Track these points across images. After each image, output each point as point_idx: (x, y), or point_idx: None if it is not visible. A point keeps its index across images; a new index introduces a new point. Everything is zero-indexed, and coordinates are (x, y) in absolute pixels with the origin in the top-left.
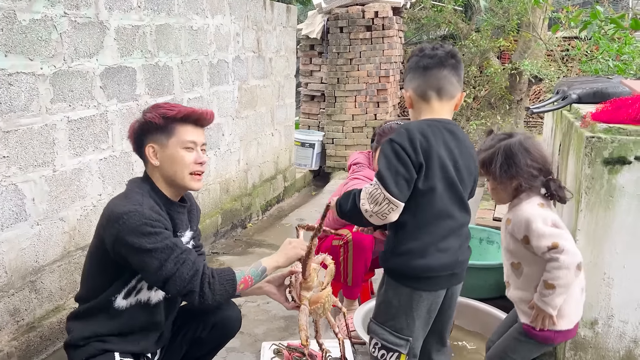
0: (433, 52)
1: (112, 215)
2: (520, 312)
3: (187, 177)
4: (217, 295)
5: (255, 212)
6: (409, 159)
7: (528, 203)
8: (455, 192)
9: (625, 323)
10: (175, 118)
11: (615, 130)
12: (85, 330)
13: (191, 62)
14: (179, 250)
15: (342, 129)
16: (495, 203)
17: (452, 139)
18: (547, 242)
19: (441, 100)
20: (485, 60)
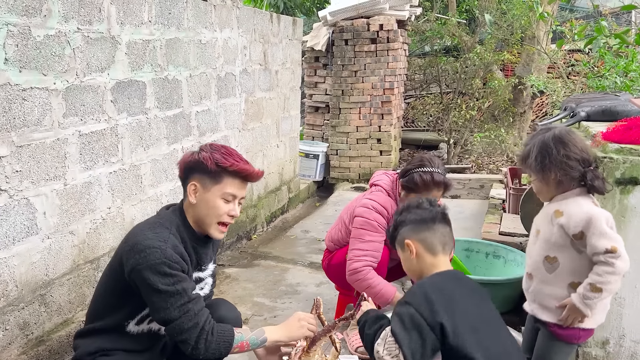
0: (435, 209)
1: (136, 245)
2: (542, 308)
3: (214, 225)
4: (209, 353)
5: (260, 224)
6: (426, 322)
7: (584, 198)
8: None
9: (637, 343)
10: (227, 169)
11: (627, 151)
12: (91, 346)
13: (199, 76)
14: (187, 298)
15: (346, 140)
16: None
17: (464, 288)
18: (607, 244)
19: (445, 255)
20: (488, 73)
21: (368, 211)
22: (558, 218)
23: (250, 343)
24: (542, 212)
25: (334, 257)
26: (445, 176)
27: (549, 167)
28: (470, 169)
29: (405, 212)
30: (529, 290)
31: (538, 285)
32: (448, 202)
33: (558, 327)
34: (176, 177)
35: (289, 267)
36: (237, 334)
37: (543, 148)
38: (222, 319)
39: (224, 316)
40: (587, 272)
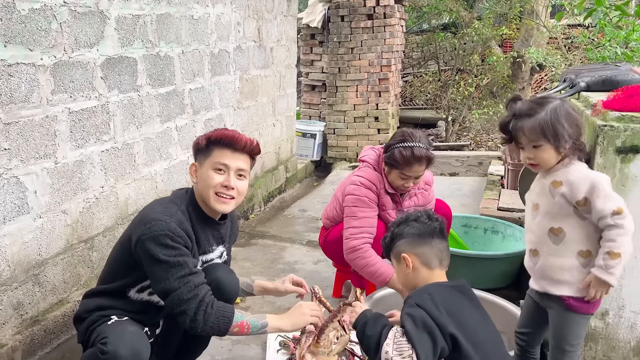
0: (433, 223)
1: (144, 217)
2: (556, 282)
3: (212, 197)
4: (207, 326)
5: (258, 203)
6: (438, 328)
7: (580, 165)
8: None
9: (637, 314)
10: (210, 140)
11: (628, 119)
12: (91, 304)
13: (192, 52)
14: (187, 270)
15: (343, 119)
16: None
17: (470, 303)
18: (614, 205)
19: (442, 269)
20: (487, 49)
21: (358, 188)
22: (557, 188)
23: (250, 325)
24: (536, 186)
25: (330, 233)
26: (428, 150)
27: (575, 136)
28: (469, 147)
29: (402, 224)
30: (535, 267)
31: (546, 260)
32: (446, 179)
33: (573, 300)
34: (171, 156)
35: (287, 245)
36: (238, 313)
37: (568, 116)
38: (219, 281)
39: (220, 278)
40: (594, 238)
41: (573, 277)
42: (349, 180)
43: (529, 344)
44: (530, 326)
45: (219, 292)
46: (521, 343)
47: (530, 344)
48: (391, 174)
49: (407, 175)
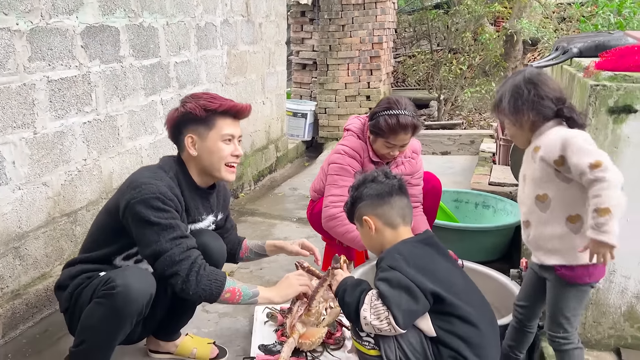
0: (390, 181)
1: (132, 182)
2: (548, 252)
3: (222, 168)
4: (200, 289)
5: (247, 182)
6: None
7: (558, 127)
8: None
9: (628, 278)
10: (216, 111)
11: (620, 78)
12: (74, 271)
13: (177, 24)
14: (179, 232)
15: (334, 98)
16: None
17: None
18: (590, 158)
19: (406, 226)
20: (479, 27)
21: (341, 157)
22: (537, 152)
23: (242, 292)
24: (524, 155)
25: (316, 206)
26: (414, 117)
27: (522, 109)
28: (461, 126)
29: (361, 187)
30: (529, 239)
31: (537, 230)
32: (438, 158)
33: (565, 269)
34: (156, 131)
35: (276, 222)
36: (230, 278)
37: (514, 91)
38: (205, 245)
39: (207, 243)
40: (581, 201)
41: (564, 244)
42: (334, 150)
43: (526, 317)
44: (528, 299)
45: (206, 256)
46: (519, 316)
47: (528, 317)
48: (376, 142)
49: (392, 144)
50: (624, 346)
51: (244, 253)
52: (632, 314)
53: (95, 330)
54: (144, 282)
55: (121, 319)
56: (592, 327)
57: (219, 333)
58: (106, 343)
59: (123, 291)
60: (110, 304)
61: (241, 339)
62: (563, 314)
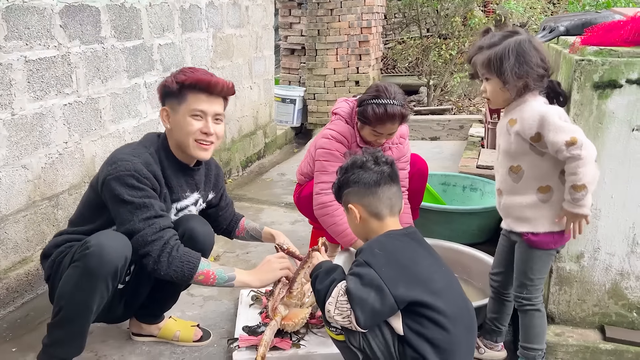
0: (379, 168)
1: (111, 157)
2: (517, 219)
3: (191, 144)
4: (171, 270)
5: (235, 168)
6: (387, 288)
7: (535, 101)
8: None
9: (612, 255)
10: (184, 84)
11: (606, 53)
12: (60, 240)
13: (161, 5)
14: (153, 212)
15: (323, 83)
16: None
17: (424, 250)
18: (566, 136)
19: (394, 216)
20: (469, 11)
21: (329, 142)
22: (513, 126)
23: (217, 276)
24: (499, 125)
25: (303, 189)
26: (403, 106)
27: (525, 74)
28: (451, 111)
29: (348, 172)
30: (501, 206)
31: (508, 198)
32: (427, 143)
33: (532, 235)
34: (140, 114)
35: (264, 207)
36: (204, 261)
37: (520, 53)
38: (192, 231)
39: (194, 228)
40: (553, 173)
41: (533, 213)
42: (321, 134)
43: (502, 284)
44: (502, 266)
45: (192, 242)
46: (495, 285)
47: (504, 285)
48: (364, 129)
49: (380, 132)
50: (608, 323)
51: (240, 232)
52: (616, 291)
53: (71, 295)
54: (119, 244)
55: (95, 280)
56: (577, 304)
57: (203, 316)
58: (83, 309)
59: (96, 251)
60: (84, 264)
61: (226, 321)
62: (527, 276)
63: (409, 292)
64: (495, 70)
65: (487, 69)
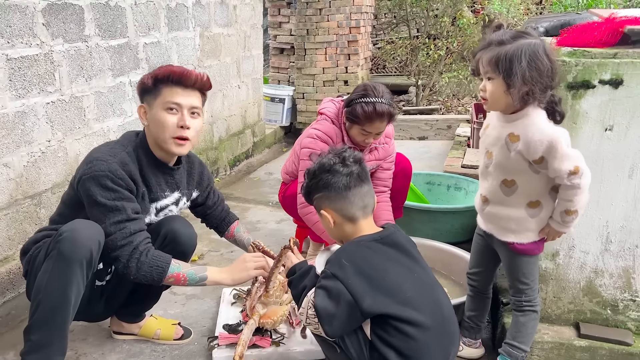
0: (348, 169)
1: (88, 156)
2: (502, 229)
3: (169, 140)
4: (140, 275)
5: (223, 167)
6: (354, 301)
7: (539, 118)
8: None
9: (587, 253)
10: (157, 78)
11: (579, 53)
12: (39, 236)
13: (146, 4)
14: (125, 215)
15: (312, 83)
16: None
17: (401, 256)
18: (570, 165)
19: (367, 217)
20: (457, 11)
21: (314, 141)
22: (514, 143)
23: (187, 277)
24: (492, 133)
25: (288, 188)
26: (391, 105)
27: (533, 81)
28: (439, 111)
29: (316, 177)
30: (484, 212)
31: (494, 208)
32: (415, 143)
33: (518, 244)
34: (125, 113)
35: (250, 206)
36: (175, 264)
37: (533, 57)
38: (175, 232)
39: (177, 230)
40: (544, 189)
41: (520, 227)
42: (306, 133)
43: (480, 283)
44: (480, 265)
45: (175, 243)
46: (473, 283)
47: (482, 283)
48: (352, 129)
49: (368, 132)
50: (583, 320)
51: (229, 236)
52: (590, 288)
53: (48, 285)
54: (92, 230)
55: (70, 264)
56: (552, 302)
57: (185, 314)
58: (61, 299)
59: (69, 235)
60: (58, 250)
61: (207, 320)
62: (521, 281)
63: (376, 304)
64: (503, 71)
65: (494, 67)
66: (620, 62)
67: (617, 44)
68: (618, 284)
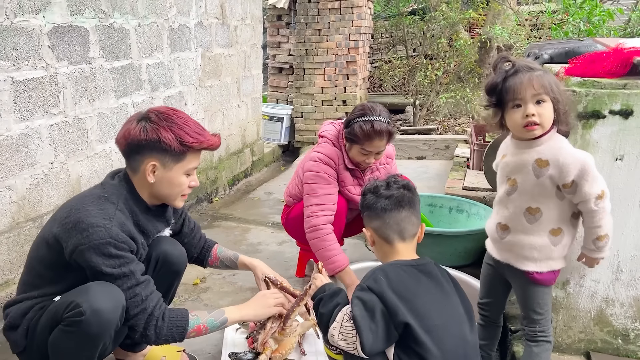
0: (389, 192)
1: (78, 224)
2: (522, 258)
3: (178, 198)
4: (161, 340)
5: (222, 186)
6: (389, 314)
7: (563, 141)
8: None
9: (597, 282)
10: (189, 146)
11: (589, 84)
12: (22, 306)
13: (150, 26)
14: (134, 281)
15: (311, 102)
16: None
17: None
18: (598, 189)
19: (404, 241)
20: (454, 33)
21: (316, 164)
22: (543, 168)
23: (208, 326)
24: (513, 161)
25: (292, 210)
26: (389, 124)
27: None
28: (436, 131)
29: (364, 196)
30: (503, 240)
31: (516, 237)
32: (413, 163)
33: (537, 274)
34: None
35: (251, 227)
36: (192, 317)
37: (558, 82)
38: (166, 254)
39: (167, 251)
40: (567, 216)
41: (541, 255)
42: (308, 157)
43: (492, 312)
44: (491, 295)
45: (167, 265)
46: (485, 313)
47: (494, 313)
48: (352, 149)
49: (368, 151)
50: (593, 350)
51: (213, 262)
52: (601, 317)
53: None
54: (113, 298)
55: (99, 341)
56: (563, 331)
57: (188, 341)
58: None
59: (93, 318)
60: (82, 331)
61: (211, 346)
62: (536, 311)
63: (406, 317)
64: (556, 93)
65: (548, 89)
66: (630, 92)
67: (627, 74)
68: (629, 314)
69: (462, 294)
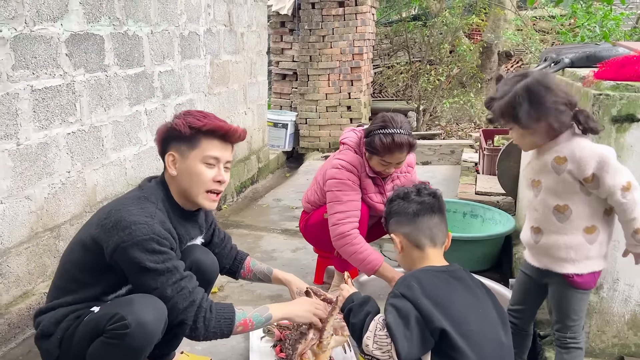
0: (420, 198)
1: (120, 222)
2: (560, 260)
3: (201, 194)
4: (210, 333)
5: (230, 194)
6: (424, 321)
7: (582, 139)
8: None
9: (631, 287)
10: (200, 130)
11: (623, 87)
12: (56, 314)
13: (161, 33)
14: (179, 275)
15: (315, 108)
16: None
17: (467, 291)
18: (623, 180)
19: (435, 247)
20: (456, 38)
21: (339, 171)
22: (562, 165)
23: (254, 321)
24: (534, 164)
25: (310, 217)
26: (410, 135)
27: (542, 116)
28: (440, 136)
29: (391, 202)
30: (538, 244)
31: (550, 238)
32: (419, 168)
33: (577, 276)
34: (140, 142)
35: (263, 234)
36: (238, 310)
37: (532, 96)
38: (199, 262)
39: (200, 259)
40: (599, 212)
41: (578, 254)
42: (330, 164)
43: (522, 320)
44: (524, 302)
45: (200, 273)
46: (515, 320)
47: (525, 321)
48: (372, 159)
49: (388, 162)
50: (627, 354)
51: (246, 274)
52: (635, 322)
53: None
54: (156, 311)
55: (140, 355)
56: (596, 335)
57: (213, 350)
58: None
59: (137, 331)
60: (126, 344)
61: (237, 355)
62: (571, 318)
63: (443, 324)
64: (512, 119)
65: (504, 119)
66: None
67: None
68: None
69: (494, 298)
